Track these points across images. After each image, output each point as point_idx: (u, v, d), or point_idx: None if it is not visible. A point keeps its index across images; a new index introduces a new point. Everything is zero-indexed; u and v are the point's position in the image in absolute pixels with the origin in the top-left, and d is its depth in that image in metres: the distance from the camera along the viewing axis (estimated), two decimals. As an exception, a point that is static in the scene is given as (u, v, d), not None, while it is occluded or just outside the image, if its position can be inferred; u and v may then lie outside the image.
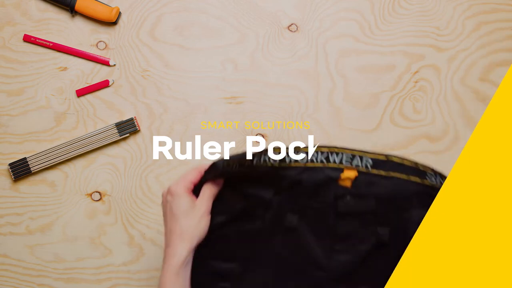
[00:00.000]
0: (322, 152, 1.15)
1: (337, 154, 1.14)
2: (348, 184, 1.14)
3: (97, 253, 1.25)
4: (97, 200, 1.26)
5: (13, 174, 1.25)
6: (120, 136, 1.25)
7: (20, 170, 1.25)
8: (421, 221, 1.07)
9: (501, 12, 1.27)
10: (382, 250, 1.14)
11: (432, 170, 1.12)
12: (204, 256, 1.18)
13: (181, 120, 1.26)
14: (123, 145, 1.27)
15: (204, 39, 1.27)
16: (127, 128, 1.25)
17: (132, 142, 1.26)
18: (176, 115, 1.27)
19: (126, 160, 1.26)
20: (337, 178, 1.14)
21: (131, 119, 1.25)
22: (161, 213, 1.25)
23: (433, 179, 1.12)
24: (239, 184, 1.15)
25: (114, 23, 1.27)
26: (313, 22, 1.28)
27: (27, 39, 1.27)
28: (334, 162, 1.14)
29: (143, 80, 1.27)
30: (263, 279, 1.19)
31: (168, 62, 1.27)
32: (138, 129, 1.25)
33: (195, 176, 1.07)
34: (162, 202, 1.06)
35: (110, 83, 1.27)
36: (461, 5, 1.28)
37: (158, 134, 1.26)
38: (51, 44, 1.26)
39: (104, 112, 1.27)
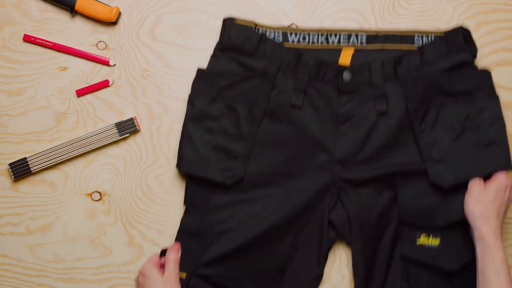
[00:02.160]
0: (322, 34, 1.23)
1: (335, 35, 1.22)
2: (347, 62, 1.21)
3: (97, 253, 1.25)
4: (97, 200, 1.26)
5: (13, 174, 1.25)
6: (120, 136, 1.25)
7: (20, 170, 1.25)
8: (412, 77, 1.19)
9: (501, 12, 1.27)
10: (381, 120, 1.20)
11: (421, 32, 1.22)
12: (209, 129, 1.20)
13: (181, 120, 1.26)
14: (123, 145, 1.26)
15: (204, 39, 1.27)
16: (127, 128, 1.25)
17: (132, 142, 1.26)
18: (176, 115, 1.26)
19: (126, 160, 1.26)
20: (337, 58, 1.22)
21: (131, 119, 1.25)
22: (161, 213, 1.25)
23: (421, 41, 1.22)
24: (243, 57, 1.21)
25: (114, 23, 1.27)
26: (313, 22, 1.28)
27: (27, 39, 1.26)
28: (333, 43, 1.22)
29: (143, 80, 1.27)
30: (270, 161, 1.20)
31: (168, 62, 1.27)
32: (138, 129, 1.25)
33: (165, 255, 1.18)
34: (136, 283, 1.16)
35: (110, 83, 1.26)
36: (461, 5, 1.28)
37: (158, 134, 1.26)
38: (51, 44, 1.26)
39: (104, 112, 1.27)
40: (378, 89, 1.19)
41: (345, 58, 1.22)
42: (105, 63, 1.26)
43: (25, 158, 1.25)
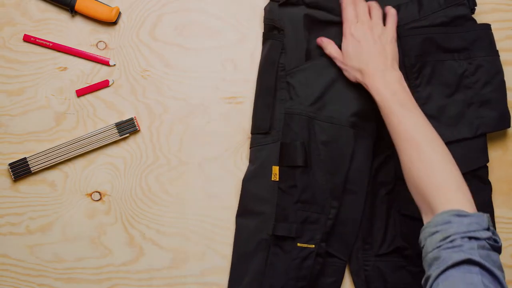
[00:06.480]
0: None
1: None
2: None
3: (97, 253, 1.25)
4: (97, 200, 1.26)
5: (13, 174, 1.25)
6: (120, 136, 1.25)
7: (20, 170, 1.25)
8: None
9: (501, 12, 1.27)
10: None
11: None
12: None
13: (181, 120, 1.26)
14: (123, 145, 1.27)
15: (204, 39, 1.27)
16: (127, 128, 1.25)
17: (132, 142, 1.26)
18: (176, 115, 1.27)
19: (126, 160, 1.26)
20: None
21: (131, 119, 1.25)
22: (160, 213, 1.25)
23: None
24: None
25: (114, 23, 1.27)
26: None
27: (27, 39, 1.26)
28: None
29: (143, 80, 1.27)
30: None
31: (168, 62, 1.27)
32: (138, 129, 1.25)
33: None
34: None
35: (110, 83, 1.27)
36: (461, 5, 1.28)
37: (158, 134, 1.26)
38: (51, 44, 1.26)
39: (104, 112, 1.27)
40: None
41: None
42: (105, 63, 1.26)
43: (25, 158, 1.25)
